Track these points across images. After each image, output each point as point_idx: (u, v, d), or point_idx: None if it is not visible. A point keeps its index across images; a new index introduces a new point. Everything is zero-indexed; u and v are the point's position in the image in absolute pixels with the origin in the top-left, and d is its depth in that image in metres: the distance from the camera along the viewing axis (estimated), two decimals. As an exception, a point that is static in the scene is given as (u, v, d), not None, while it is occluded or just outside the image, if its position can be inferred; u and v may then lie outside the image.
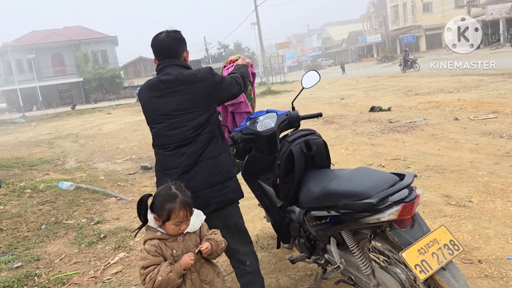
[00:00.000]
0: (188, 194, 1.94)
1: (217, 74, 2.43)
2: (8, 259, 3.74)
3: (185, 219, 1.90)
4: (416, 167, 5.48)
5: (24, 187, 6.04)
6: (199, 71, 2.37)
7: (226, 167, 2.36)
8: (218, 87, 2.38)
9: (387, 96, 14.38)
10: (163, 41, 2.39)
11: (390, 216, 1.77)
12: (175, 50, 2.40)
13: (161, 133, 2.33)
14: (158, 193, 1.93)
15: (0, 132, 22.56)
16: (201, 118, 2.30)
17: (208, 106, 2.34)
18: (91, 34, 51.38)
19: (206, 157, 2.30)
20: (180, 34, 2.45)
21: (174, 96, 2.30)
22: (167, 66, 2.37)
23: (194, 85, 2.31)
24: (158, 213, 1.89)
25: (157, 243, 1.88)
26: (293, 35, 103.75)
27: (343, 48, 68.11)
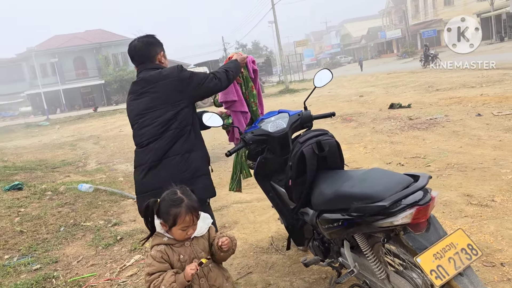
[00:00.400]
0: (194, 198, 1.91)
1: (186, 70, 2.47)
2: (27, 261, 3.80)
3: (192, 224, 1.87)
4: (436, 165, 5.34)
5: (45, 189, 6.16)
6: (165, 69, 2.46)
7: (195, 164, 2.37)
8: (186, 83, 2.42)
9: (407, 93, 14.10)
10: (136, 47, 2.52)
11: (403, 219, 1.70)
12: (147, 54, 2.51)
13: (135, 133, 2.44)
14: (164, 198, 1.91)
15: (25, 135, 23.17)
16: (168, 114, 2.36)
17: (176, 102, 2.39)
18: (111, 37, 52.23)
19: (173, 153, 2.34)
20: (152, 38, 2.56)
21: (145, 96, 2.41)
22: (142, 71, 2.50)
23: (160, 83, 2.40)
24: (164, 219, 1.86)
25: (164, 248, 1.86)
26: (311, 33, 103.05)
27: (362, 44, 67.29)
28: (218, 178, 6.36)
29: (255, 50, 68.76)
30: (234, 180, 3.23)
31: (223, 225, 4.24)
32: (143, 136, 2.39)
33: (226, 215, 4.53)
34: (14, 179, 7.42)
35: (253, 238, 3.75)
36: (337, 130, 9.09)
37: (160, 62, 2.55)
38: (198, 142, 2.48)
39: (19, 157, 12.94)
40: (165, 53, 2.63)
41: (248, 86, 3.13)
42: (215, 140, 9.91)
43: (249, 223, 4.18)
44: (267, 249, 3.49)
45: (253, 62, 3.18)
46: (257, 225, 4.08)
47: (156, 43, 2.56)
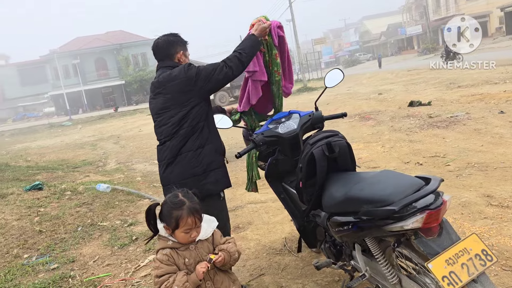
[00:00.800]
0: (195, 201, 1.90)
1: (193, 68, 2.51)
2: (45, 260, 3.88)
3: (195, 226, 1.86)
4: (456, 164, 5.20)
5: (64, 189, 6.28)
6: (175, 69, 2.53)
7: (207, 159, 2.49)
8: (194, 81, 2.48)
9: (427, 90, 13.82)
10: (158, 45, 2.65)
11: (414, 224, 1.65)
12: (167, 52, 2.63)
13: (155, 130, 2.63)
14: (165, 201, 1.91)
15: (48, 135, 23.73)
16: (180, 114, 2.48)
17: (186, 102, 2.48)
18: (131, 38, 52.97)
19: (186, 149, 2.47)
20: (173, 37, 2.66)
21: (160, 97, 2.55)
22: (160, 68, 2.63)
23: (169, 85, 2.50)
24: (167, 222, 1.86)
25: (169, 252, 1.85)
26: (330, 30, 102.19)
27: (381, 41, 66.35)
28: (235, 177, 6.35)
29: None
30: (249, 181, 3.21)
31: (237, 225, 4.23)
32: (161, 134, 2.57)
33: (240, 216, 4.53)
34: (36, 179, 7.60)
35: (267, 239, 3.73)
36: (355, 128, 8.98)
37: (179, 61, 2.63)
38: (211, 135, 2.57)
39: (42, 157, 13.26)
40: (186, 51, 2.70)
41: (272, 54, 2.89)
42: (232, 139, 9.93)
43: (263, 223, 4.16)
44: (280, 250, 3.47)
45: (279, 27, 2.91)
46: (271, 226, 4.05)
47: (177, 42, 2.65)
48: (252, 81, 2.90)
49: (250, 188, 3.22)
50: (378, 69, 33.89)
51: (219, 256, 1.89)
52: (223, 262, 1.90)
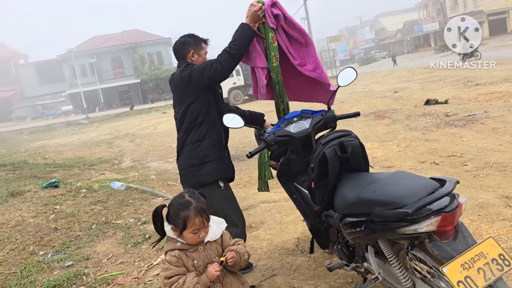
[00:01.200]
0: (202, 201, 1.90)
1: (187, 69, 2.69)
2: (60, 257, 3.93)
3: (202, 226, 1.85)
4: (474, 164, 5.10)
5: (80, 187, 6.36)
6: (177, 70, 2.78)
7: (204, 152, 2.72)
8: (187, 81, 2.68)
9: (444, 88, 13.59)
10: (175, 46, 2.88)
11: (428, 227, 1.61)
12: (180, 52, 2.84)
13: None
14: (172, 202, 1.90)
15: (66, 133, 24.12)
16: (181, 110, 2.77)
17: (184, 99, 2.74)
18: (147, 37, 53.42)
19: (187, 143, 2.76)
20: (186, 37, 2.83)
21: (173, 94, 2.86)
22: (177, 68, 2.84)
23: (171, 85, 2.81)
24: (174, 223, 1.86)
25: (178, 253, 1.85)
26: (345, 28, 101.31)
27: (397, 38, 65.50)
28: (248, 176, 6.35)
29: (288, 46, 68.35)
30: (261, 180, 3.20)
31: (250, 225, 4.21)
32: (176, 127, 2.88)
33: (253, 215, 4.51)
34: (52, 176, 7.72)
35: (279, 239, 3.71)
36: (370, 127, 8.88)
37: (191, 60, 2.80)
38: (210, 131, 2.76)
39: (60, 154, 13.48)
40: (200, 50, 2.84)
41: (268, 37, 2.75)
42: (246, 138, 9.93)
43: (276, 223, 4.13)
44: (292, 250, 3.44)
45: (272, 5, 2.71)
46: (283, 225, 4.03)
47: (189, 42, 2.82)
48: (255, 68, 2.88)
49: (262, 188, 3.20)
50: (394, 67, 33.46)
51: (231, 255, 1.88)
52: (234, 262, 1.89)
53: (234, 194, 2.95)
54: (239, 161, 7.52)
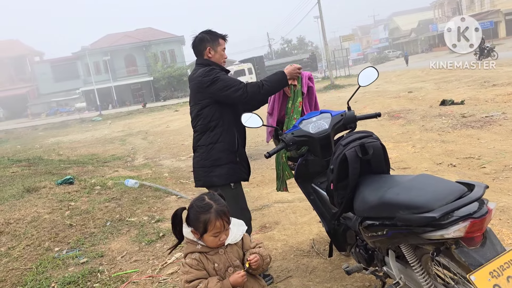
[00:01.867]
0: (222, 203, 1.85)
1: (210, 76, 2.72)
2: (75, 254, 3.95)
3: (223, 229, 1.81)
4: (492, 167, 4.99)
5: (94, 184, 6.40)
6: (198, 70, 2.79)
7: (215, 156, 2.77)
8: (205, 86, 2.72)
9: (460, 88, 13.38)
10: (193, 42, 2.90)
11: (456, 233, 1.55)
12: (198, 49, 2.89)
13: None
14: (192, 205, 1.86)
15: (79, 129, 24.37)
16: (195, 110, 2.83)
17: (199, 101, 2.79)
18: (160, 35, 53.69)
19: (201, 143, 2.81)
20: (204, 34, 2.88)
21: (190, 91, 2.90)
22: (195, 64, 2.92)
23: (191, 83, 2.85)
24: (195, 226, 1.82)
25: (198, 256, 1.81)
26: (358, 27, 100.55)
27: (412, 38, 64.76)
28: (261, 175, 6.32)
29: (300, 45, 68.17)
30: (279, 180, 3.18)
31: (264, 225, 4.18)
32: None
33: (267, 215, 4.48)
34: (67, 173, 7.79)
35: (294, 240, 3.67)
36: (384, 127, 8.77)
37: (208, 56, 2.86)
38: (224, 135, 2.78)
39: (74, 151, 13.62)
40: (217, 47, 2.88)
41: (296, 101, 3.02)
42: (258, 137, 9.90)
43: (290, 224, 4.10)
44: (308, 252, 3.40)
45: (309, 79, 3.09)
46: (298, 226, 3.99)
47: (205, 39, 2.87)
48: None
49: (281, 188, 3.19)
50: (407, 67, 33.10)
51: (255, 257, 1.85)
52: (257, 265, 1.86)
53: (248, 193, 2.96)
54: (252, 160, 7.48)
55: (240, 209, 2.84)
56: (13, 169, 8.89)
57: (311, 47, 68.85)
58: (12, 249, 4.14)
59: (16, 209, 5.14)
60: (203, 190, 2.66)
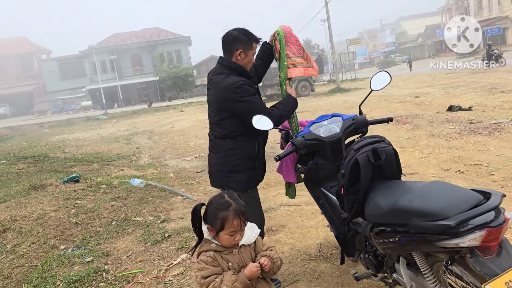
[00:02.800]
0: (241, 203, 1.86)
1: (239, 93, 2.57)
2: (81, 253, 3.94)
3: (239, 229, 1.82)
4: (501, 174, 4.94)
5: (100, 183, 6.40)
6: (227, 80, 2.61)
7: (234, 162, 2.71)
8: (231, 103, 2.60)
9: (467, 94, 13.31)
10: (224, 38, 2.70)
11: (471, 241, 1.53)
12: (227, 47, 2.70)
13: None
14: (211, 202, 1.88)
15: (85, 127, 24.45)
16: (217, 117, 2.71)
17: (222, 111, 2.67)
18: (167, 35, 53.88)
19: (219, 148, 2.74)
20: (238, 32, 2.67)
21: (210, 92, 2.77)
22: (219, 63, 2.75)
23: (217, 90, 2.67)
24: (212, 223, 1.83)
25: (213, 254, 1.82)
26: (365, 31, 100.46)
27: (418, 42, 64.60)
28: (266, 178, 6.23)
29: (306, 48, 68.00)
30: (292, 187, 3.14)
31: (270, 228, 4.16)
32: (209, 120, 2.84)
33: (273, 218, 4.46)
34: (72, 171, 7.80)
35: (301, 244, 3.65)
36: (390, 132, 8.73)
37: (236, 59, 2.68)
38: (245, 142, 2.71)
39: (79, 149, 13.65)
40: (248, 51, 2.70)
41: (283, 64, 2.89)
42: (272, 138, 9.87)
43: (297, 227, 4.07)
44: (315, 256, 3.38)
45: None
46: (305, 230, 3.96)
47: (240, 39, 2.66)
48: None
49: (293, 195, 3.14)
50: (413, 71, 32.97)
51: (265, 260, 1.85)
52: (268, 267, 1.85)
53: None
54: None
55: (255, 212, 2.79)
56: (19, 166, 8.92)
57: (318, 50, 68.84)
58: (18, 246, 4.15)
59: (22, 206, 5.15)
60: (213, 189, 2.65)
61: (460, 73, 22.37)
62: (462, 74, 21.84)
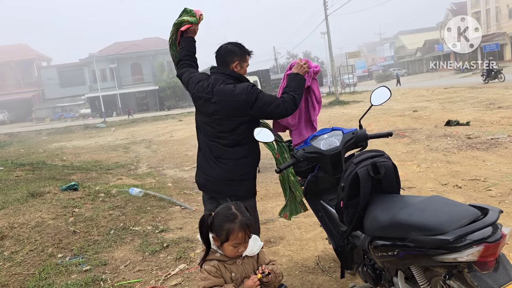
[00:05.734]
0: (247, 216, 1.89)
1: (254, 92, 2.63)
2: (78, 261, 3.94)
3: (243, 241, 1.85)
4: (498, 189, 4.98)
5: (98, 191, 6.40)
6: (238, 87, 2.64)
7: (246, 169, 2.75)
8: (250, 105, 2.62)
9: (465, 109, 13.41)
10: (219, 51, 2.79)
11: (469, 256, 1.56)
12: (224, 60, 2.77)
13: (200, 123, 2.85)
14: (218, 212, 1.91)
15: (83, 136, 24.45)
16: (228, 126, 2.69)
17: (235, 117, 2.67)
18: (167, 45, 53.95)
19: (230, 156, 2.71)
20: (234, 47, 2.78)
21: (211, 103, 2.70)
22: (215, 72, 2.78)
23: (227, 99, 2.65)
24: (217, 233, 1.86)
25: (217, 264, 1.85)
26: (364, 44, 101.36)
27: (417, 57, 65.12)
28: (265, 189, 6.31)
29: (306, 60, 68.62)
30: (293, 203, 3.08)
31: (269, 239, 4.17)
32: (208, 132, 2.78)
33: (271, 230, 4.47)
34: (71, 178, 7.80)
35: (299, 256, 3.66)
36: (389, 146, 8.78)
37: (233, 70, 2.76)
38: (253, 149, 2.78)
39: (77, 157, 13.64)
40: (243, 63, 2.81)
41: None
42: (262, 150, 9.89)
43: (295, 239, 4.08)
44: (313, 269, 3.38)
45: (315, 73, 2.99)
46: (303, 242, 3.97)
47: (235, 53, 2.77)
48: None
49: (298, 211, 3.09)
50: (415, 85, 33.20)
51: (268, 274, 1.88)
52: (270, 279, 1.88)
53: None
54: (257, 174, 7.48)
55: (255, 219, 2.85)
56: (17, 172, 8.91)
57: (317, 62, 69.31)
58: (15, 254, 4.14)
59: (20, 214, 5.14)
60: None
61: (458, 88, 22.55)
62: (460, 89, 22.01)
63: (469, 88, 21.60)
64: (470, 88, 21.76)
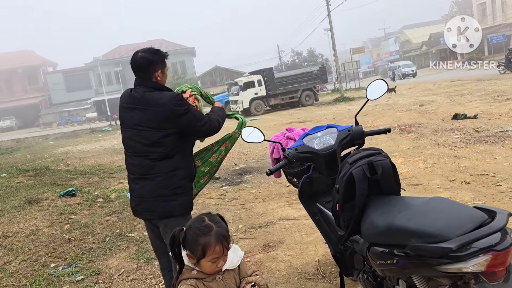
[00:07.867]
0: (223, 226, 1.69)
1: (182, 106, 2.50)
2: (71, 271, 3.81)
3: (222, 255, 1.65)
4: (508, 185, 4.76)
5: (97, 196, 6.28)
6: (165, 96, 2.50)
7: (177, 183, 2.52)
8: (177, 117, 2.48)
9: (473, 102, 13.12)
10: (136, 62, 2.58)
11: (475, 267, 1.38)
12: (144, 71, 2.56)
13: (126, 140, 2.62)
14: (190, 226, 1.69)
15: (89, 139, 24.47)
16: (152, 137, 2.48)
17: (162, 129, 2.48)
18: (171, 46, 54.23)
19: (158, 171, 2.49)
20: (152, 55, 2.59)
21: (137, 112, 2.53)
22: (138, 85, 2.59)
23: (154, 109, 2.48)
24: (192, 250, 1.64)
25: (195, 282, 1.64)
26: (369, 40, 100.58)
27: (423, 51, 64.48)
28: (267, 190, 6.15)
29: (310, 57, 68.30)
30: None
31: (268, 244, 4.01)
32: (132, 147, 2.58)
33: (271, 233, 4.30)
34: (71, 184, 7.71)
35: (299, 262, 3.49)
36: (395, 141, 8.57)
37: (157, 79, 2.59)
38: (184, 162, 2.58)
39: (82, 161, 13.60)
40: (165, 68, 2.64)
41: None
42: (266, 149, 9.73)
43: (295, 243, 3.91)
44: (313, 275, 3.21)
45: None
46: (303, 246, 3.80)
47: (155, 61, 2.58)
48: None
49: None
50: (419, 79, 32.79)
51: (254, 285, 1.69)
52: None
53: (253, 209, 2.79)
54: (258, 174, 7.32)
55: None
56: (19, 179, 8.85)
57: (321, 59, 68.87)
58: (8, 264, 4.03)
59: (15, 222, 5.04)
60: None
61: (465, 81, 22.18)
62: (467, 81, 21.65)
63: (476, 81, 21.23)
64: (477, 80, 21.38)
